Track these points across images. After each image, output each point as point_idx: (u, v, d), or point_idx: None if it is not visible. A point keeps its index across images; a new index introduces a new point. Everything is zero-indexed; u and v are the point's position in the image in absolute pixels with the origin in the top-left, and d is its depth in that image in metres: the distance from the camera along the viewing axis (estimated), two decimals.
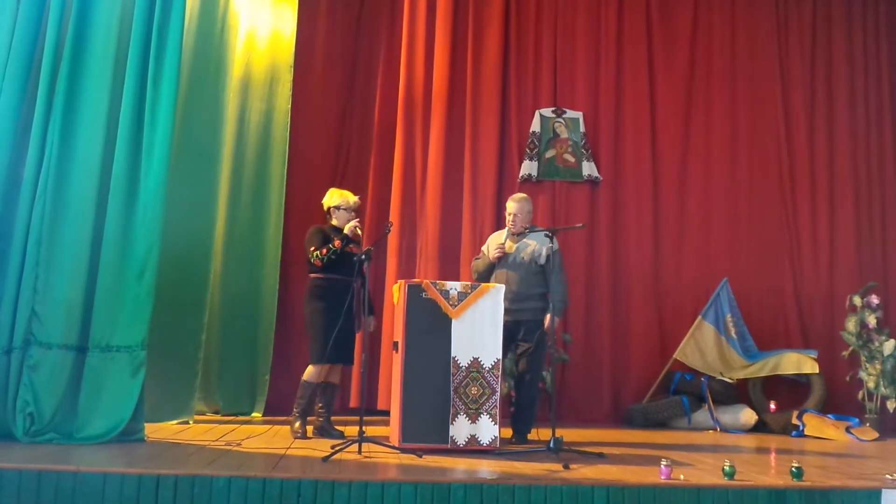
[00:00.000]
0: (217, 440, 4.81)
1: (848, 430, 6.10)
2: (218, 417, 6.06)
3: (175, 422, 5.51)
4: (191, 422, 5.59)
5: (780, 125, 7.38)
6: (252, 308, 6.31)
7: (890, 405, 6.37)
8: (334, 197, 5.38)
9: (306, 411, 5.17)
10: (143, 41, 4.91)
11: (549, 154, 7.09)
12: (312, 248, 5.16)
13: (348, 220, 5.25)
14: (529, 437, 5.15)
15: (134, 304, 4.64)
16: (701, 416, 6.45)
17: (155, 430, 4.96)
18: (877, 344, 6.47)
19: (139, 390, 4.59)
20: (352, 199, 5.39)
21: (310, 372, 5.18)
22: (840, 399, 6.63)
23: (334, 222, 5.33)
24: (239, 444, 4.64)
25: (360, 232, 5.18)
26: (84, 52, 4.83)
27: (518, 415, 5.20)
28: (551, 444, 4.48)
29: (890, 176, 7.31)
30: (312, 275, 5.22)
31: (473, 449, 4.60)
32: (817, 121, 7.40)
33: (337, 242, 5.10)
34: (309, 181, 6.53)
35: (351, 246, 5.16)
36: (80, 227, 4.69)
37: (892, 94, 7.44)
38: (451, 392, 4.63)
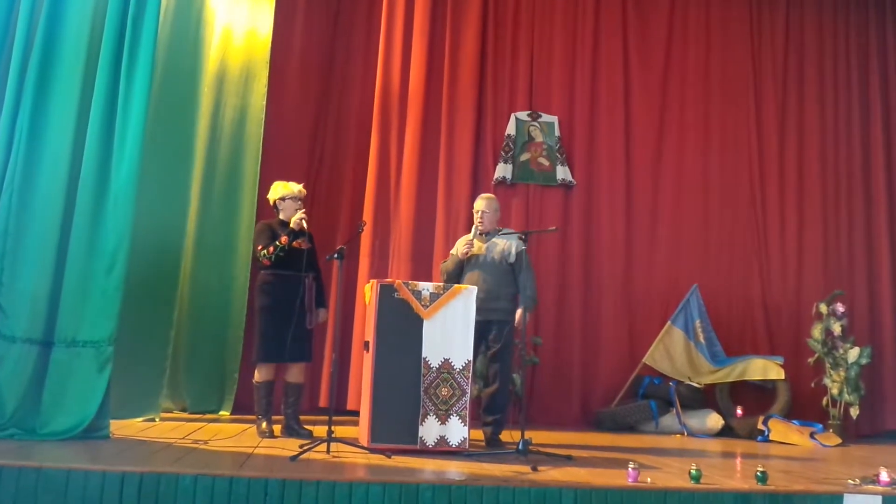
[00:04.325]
0: (184, 438, 4.76)
1: (812, 435, 6.19)
2: (185, 415, 6.00)
3: (141, 419, 5.44)
4: (157, 419, 5.53)
5: (752, 134, 7.49)
6: (222, 305, 6.23)
7: (853, 412, 6.47)
8: (278, 189, 5.33)
9: (267, 411, 5.11)
10: (117, 34, 4.85)
11: (524, 157, 7.11)
12: (259, 247, 5.10)
13: (295, 211, 5.18)
14: (501, 438, 5.15)
15: (102, 298, 4.58)
16: (669, 420, 6.50)
17: (120, 428, 4.89)
18: (841, 351, 6.56)
19: (105, 386, 4.53)
20: (295, 188, 5.32)
21: (256, 372, 5.15)
22: (805, 405, 6.71)
23: (282, 216, 5.28)
24: (206, 443, 4.60)
25: (305, 225, 5.07)
26: (56, 44, 4.76)
27: (490, 417, 5.17)
28: (520, 446, 4.50)
29: (857, 187, 7.44)
30: (262, 271, 5.18)
31: (442, 450, 4.60)
32: (787, 131, 7.52)
33: (283, 239, 5.03)
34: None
35: (299, 241, 5.07)
36: (48, 219, 4.62)
37: (861, 104, 7.57)
38: (422, 393, 4.63)
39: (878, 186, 7.40)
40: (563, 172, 7.11)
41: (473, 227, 5.37)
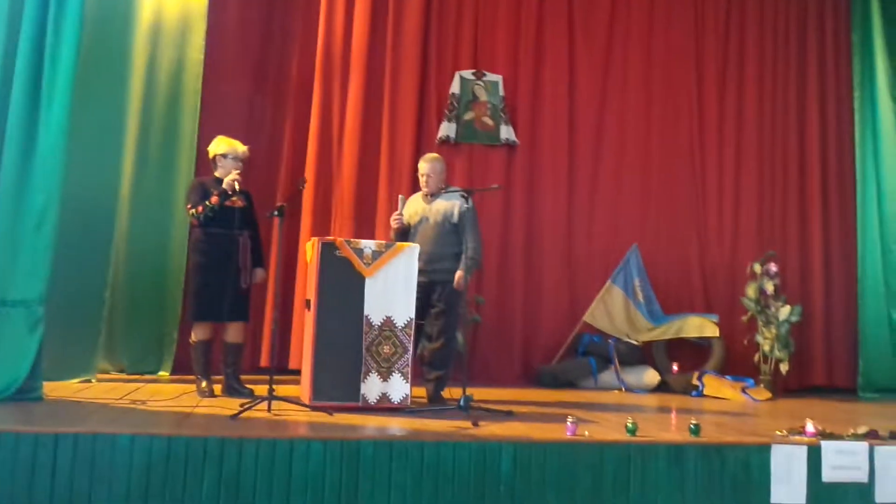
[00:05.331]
0: (121, 398, 4.69)
1: (744, 390, 6.39)
2: (123, 376, 5.88)
3: (77, 380, 5.33)
4: (93, 380, 5.42)
5: (693, 98, 7.53)
6: (159, 264, 6.08)
7: (783, 368, 6.69)
8: (221, 145, 5.19)
9: (206, 370, 5.04)
10: None
11: (468, 116, 7.07)
12: (188, 206, 5.00)
13: (232, 172, 5.07)
14: (443, 395, 5.18)
15: (31, 257, 4.44)
16: (607, 376, 6.64)
17: (54, 389, 4.79)
18: (773, 310, 6.76)
19: (37, 347, 4.43)
20: (240, 148, 5.20)
21: (192, 332, 5.08)
22: (738, 361, 6.90)
23: (219, 173, 5.15)
24: (144, 403, 4.53)
25: (237, 186, 4.98)
26: None
27: (432, 374, 5.18)
28: (461, 403, 4.54)
29: (792, 155, 7.55)
30: (195, 229, 5.09)
31: (384, 407, 4.62)
32: (727, 98, 7.57)
33: (214, 199, 4.93)
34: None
35: (233, 199, 4.99)
36: None
37: (799, 67, 7.67)
38: (364, 350, 4.63)
39: (811, 154, 7.53)
40: (506, 132, 7.10)
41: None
